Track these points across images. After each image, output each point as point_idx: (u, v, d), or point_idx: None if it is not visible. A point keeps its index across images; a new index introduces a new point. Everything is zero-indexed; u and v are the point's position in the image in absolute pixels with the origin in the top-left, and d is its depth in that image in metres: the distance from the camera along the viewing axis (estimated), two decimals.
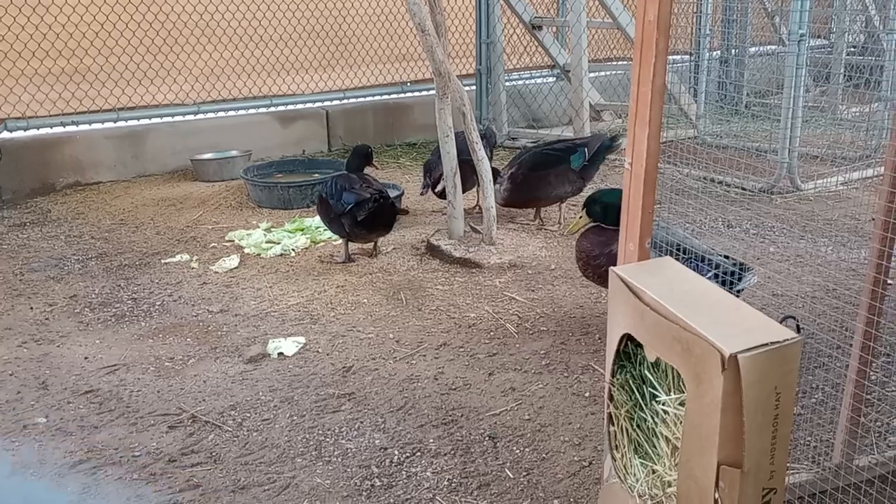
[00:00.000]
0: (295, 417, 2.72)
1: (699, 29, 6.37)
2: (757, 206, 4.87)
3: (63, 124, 5.75)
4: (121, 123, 5.97)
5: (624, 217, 2.07)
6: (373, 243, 4.28)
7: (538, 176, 4.48)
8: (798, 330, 1.58)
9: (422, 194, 4.92)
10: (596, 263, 3.24)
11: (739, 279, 2.92)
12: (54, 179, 5.58)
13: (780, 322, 1.58)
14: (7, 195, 5.35)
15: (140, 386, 2.95)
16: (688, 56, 6.72)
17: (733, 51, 7.09)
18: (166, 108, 6.24)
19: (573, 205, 4.87)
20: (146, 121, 6.11)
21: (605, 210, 3.27)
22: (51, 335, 3.38)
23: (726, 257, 3.05)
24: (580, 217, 3.38)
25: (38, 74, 5.68)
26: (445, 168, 4.26)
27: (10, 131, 5.53)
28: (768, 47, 7.84)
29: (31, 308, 3.66)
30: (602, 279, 3.30)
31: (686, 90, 6.62)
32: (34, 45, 5.63)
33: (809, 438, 2.39)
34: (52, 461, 2.48)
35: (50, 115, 5.74)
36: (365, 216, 3.94)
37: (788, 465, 2.00)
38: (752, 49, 7.35)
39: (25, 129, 5.61)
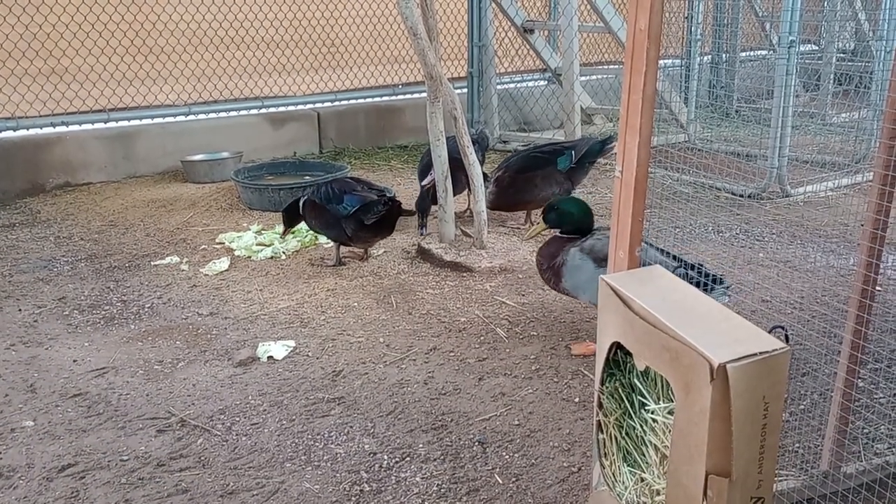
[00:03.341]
0: (284, 422, 2.71)
1: (690, 34, 6.40)
2: (746, 211, 4.89)
3: (53, 125, 5.72)
4: (111, 124, 5.95)
5: (614, 225, 2.07)
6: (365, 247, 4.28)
7: (525, 178, 4.48)
8: (787, 340, 1.59)
9: (421, 235, 4.51)
10: (546, 277, 3.29)
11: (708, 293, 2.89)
12: (44, 180, 5.56)
13: (769, 332, 1.59)
14: None
15: (129, 389, 2.94)
16: (678, 61, 6.75)
17: (724, 56, 7.13)
18: (157, 109, 6.22)
19: None
20: (137, 122, 6.09)
21: (561, 217, 3.28)
22: (39, 337, 3.36)
23: (699, 267, 2.97)
24: (538, 223, 3.41)
25: (27, 74, 5.65)
26: (437, 172, 4.27)
27: (0, 131, 5.50)
28: (758, 52, 7.89)
29: (20, 310, 3.64)
30: (554, 289, 3.30)
31: (677, 95, 6.65)
32: (24, 45, 5.61)
33: (797, 445, 2.40)
34: (39, 465, 2.47)
35: (40, 116, 5.71)
36: (375, 219, 3.94)
37: (776, 472, 2.01)
38: (743, 54, 7.38)
39: (15, 130, 5.58)
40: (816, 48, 7.91)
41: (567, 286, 3.18)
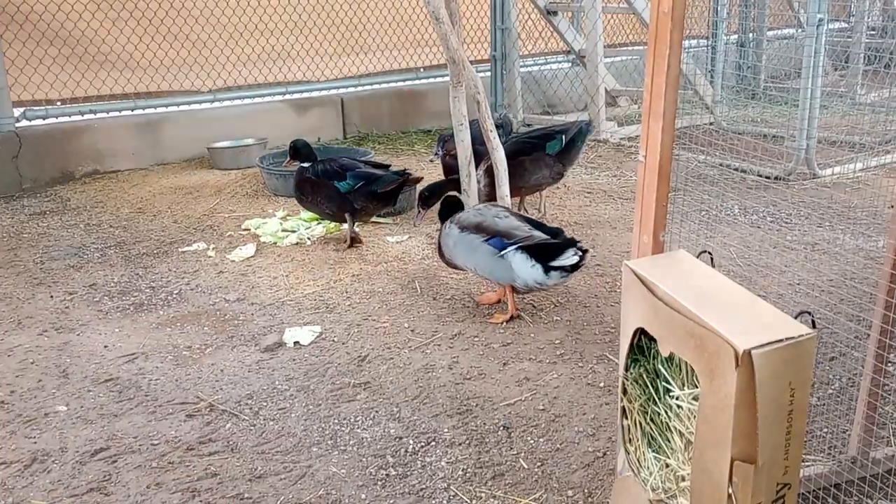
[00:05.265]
0: (311, 406, 2.74)
1: (716, 13, 6.31)
2: (773, 193, 4.83)
3: (81, 112, 5.79)
4: (138, 112, 6.00)
5: (638, 209, 2.06)
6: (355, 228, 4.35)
7: (514, 164, 4.42)
8: (813, 325, 1.58)
9: (431, 161, 5.17)
10: (439, 255, 3.54)
11: (557, 255, 3.16)
12: (73, 168, 5.63)
13: (796, 317, 1.57)
14: (27, 184, 5.40)
15: (158, 374, 2.98)
16: (704, 40, 6.66)
17: (751, 35, 7.02)
18: (183, 97, 6.27)
19: (555, 189, 4.99)
20: (163, 109, 6.14)
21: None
22: (71, 324, 3.42)
23: (556, 233, 3.25)
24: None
25: (55, 63, 5.72)
26: (460, 156, 4.26)
27: (29, 120, 5.57)
28: (786, 31, 7.76)
29: (52, 297, 3.70)
30: (446, 264, 3.56)
31: (703, 75, 6.57)
32: (52, 34, 5.67)
33: (824, 430, 2.38)
34: (73, 448, 2.52)
35: (71, 100, 5.78)
36: (389, 188, 4.14)
37: (803, 457, 2.00)
38: (770, 33, 7.27)
39: (44, 118, 5.65)
40: (846, 26, 7.76)
41: (446, 255, 3.47)
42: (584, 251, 3.17)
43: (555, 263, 3.15)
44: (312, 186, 4.20)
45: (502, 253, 3.21)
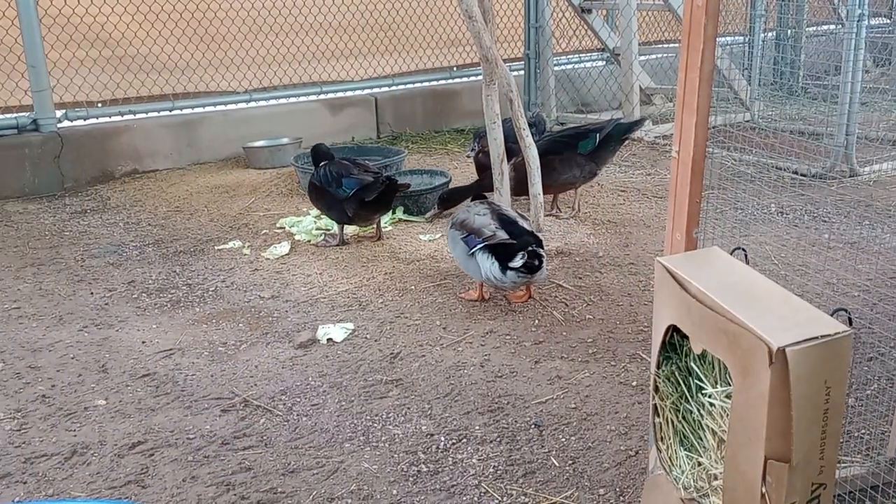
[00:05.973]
0: (343, 403, 2.77)
1: (753, 9, 6.22)
2: (811, 191, 4.76)
3: (121, 113, 5.89)
4: (176, 112, 6.09)
5: (671, 205, 2.05)
6: (375, 225, 4.36)
7: (543, 163, 4.39)
8: (850, 323, 1.55)
9: (467, 156, 5.28)
10: None
11: (513, 257, 3.25)
12: (113, 168, 5.73)
13: (832, 315, 1.55)
14: (68, 183, 5.51)
15: (194, 370, 3.03)
16: (741, 37, 6.57)
17: (789, 31, 6.91)
18: (219, 97, 6.35)
19: (589, 187, 4.97)
20: (200, 109, 6.22)
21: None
22: (110, 320, 3.49)
23: (529, 234, 3.34)
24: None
25: (96, 64, 5.83)
26: (493, 154, 4.26)
27: (71, 120, 5.69)
28: (826, 27, 7.63)
29: (92, 293, 3.77)
30: None
31: (739, 73, 6.48)
32: (93, 36, 5.78)
33: (862, 431, 2.34)
34: (111, 442, 2.57)
35: (110, 102, 5.88)
36: (374, 196, 4.06)
37: (839, 458, 1.97)
38: (810, 29, 7.15)
39: (85, 119, 5.77)
40: (887, 21, 7.60)
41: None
42: (535, 255, 3.23)
43: (510, 264, 3.25)
44: (317, 192, 4.24)
45: (471, 251, 3.35)
